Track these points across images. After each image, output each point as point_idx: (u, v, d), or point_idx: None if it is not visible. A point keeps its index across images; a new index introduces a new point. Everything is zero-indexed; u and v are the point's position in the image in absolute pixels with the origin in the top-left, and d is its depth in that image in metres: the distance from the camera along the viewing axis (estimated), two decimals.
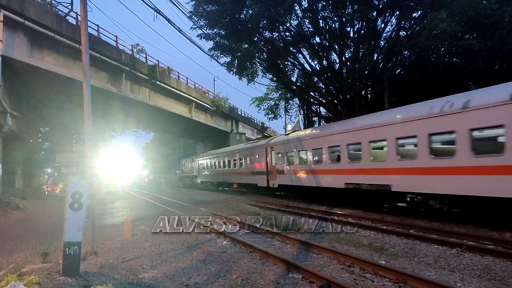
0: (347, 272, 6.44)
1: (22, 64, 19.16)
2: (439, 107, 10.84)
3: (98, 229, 8.98)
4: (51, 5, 22.70)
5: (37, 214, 17.25)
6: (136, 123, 43.23)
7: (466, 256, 7.30)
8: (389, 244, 8.64)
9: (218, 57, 25.41)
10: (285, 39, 23.98)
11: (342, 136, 15.03)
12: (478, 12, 15.87)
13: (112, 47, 25.33)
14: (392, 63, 22.04)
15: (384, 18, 21.83)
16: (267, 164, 22.04)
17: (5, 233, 10.57)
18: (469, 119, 9.85)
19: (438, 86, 19.30)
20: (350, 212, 13.92)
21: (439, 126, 10.82)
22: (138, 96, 28.64)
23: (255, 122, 54.03)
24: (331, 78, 24.33)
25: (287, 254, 7.75)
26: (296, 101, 34.27)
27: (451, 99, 10.76)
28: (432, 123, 10.96)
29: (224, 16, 22.10)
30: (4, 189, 19.47)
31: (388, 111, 15.90)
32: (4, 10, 17.11)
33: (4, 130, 18.22)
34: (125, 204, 22.19)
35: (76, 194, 5.66)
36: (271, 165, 21.44)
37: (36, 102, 27.00)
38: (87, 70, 8.05)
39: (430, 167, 10.98)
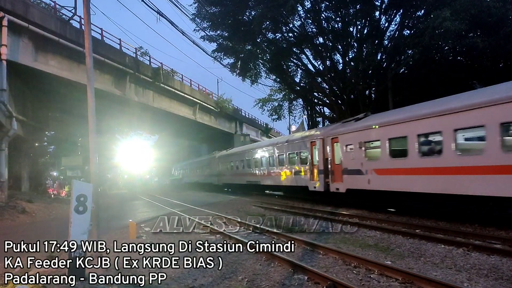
0: (353, 273, 6.40)
1: (27, 68, 19.29)
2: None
3: (103, 230, 9.01)
4: (55, 9, 22.87)
5: (43, 217, 17.33)
6: (140, 126, 43.40)
7: (472, 256, 7.24)
8: (395, 244, 8.59)
9: (222, 59, 25.51)
10: (288, 39, 23.99)
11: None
12: (481, 10, 15.80)
13: (116, 50, 25.46)
14: (395, 62, 21.97)
15: (387, 17, 21.79)
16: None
17: (11, 236, 10.63)
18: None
19: (442, 85, 19.20)
20: (355, 212, 13.86)
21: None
22: (142, 98, 28.75)
23: (259, 123, 53.99)
24: (334, 78, 24.30)
25: (293, 255, 7.74)
26: (300, 102, 34.25)
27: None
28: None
29: (227, 18, 22.19)
30: (10, 192, 19.61)
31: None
32: (8, 15, 17.25)
33: (10, 134, 18.36)
34: (135, 206, 22.26)
35: (81, 197, 5.69)
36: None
37: (41, 106, 27.18)
38: (91, 74, 8.10)
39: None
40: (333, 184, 16.07)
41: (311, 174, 17.82)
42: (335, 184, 15.98)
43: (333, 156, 16.26)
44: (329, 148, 16.48)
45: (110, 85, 25.33)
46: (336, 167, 15.96)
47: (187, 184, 44.39)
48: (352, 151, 14.93)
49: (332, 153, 16.31)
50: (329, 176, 16.37)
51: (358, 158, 14.46)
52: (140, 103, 28.69)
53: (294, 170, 19.59)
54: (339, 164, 15.77)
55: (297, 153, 19.38)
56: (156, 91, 30.46)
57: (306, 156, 18.44)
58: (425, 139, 11.44)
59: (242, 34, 22.45)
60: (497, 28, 16.87)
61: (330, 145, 16.42)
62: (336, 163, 15.99)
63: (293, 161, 19.80)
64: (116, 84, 25.85)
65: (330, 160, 16.39)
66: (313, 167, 17.73)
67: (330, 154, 16.37)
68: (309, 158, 18.08)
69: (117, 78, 25.78)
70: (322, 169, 16.84)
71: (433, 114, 11.10)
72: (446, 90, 14.30)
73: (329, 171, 16.41)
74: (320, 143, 17.12)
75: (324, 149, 16.81)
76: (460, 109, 10.24)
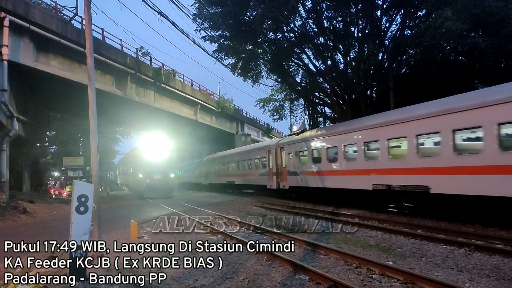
0: (354, 273, 6.39)
1: (28, 68, 19.29)
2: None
3: (105, 230, 9.01)
4: (56, 9, 22.86)
5: (44, 217, 17.34)
6: (142, 126, 43.36)
7: (474, 256, 7.22)
8: (396, 245, 8.58)
9: (223, 59, 25.46)
10: (289, 39, 23.95)
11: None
12: (483, 10, 15.74)
13: (117, 51, 25.46)
14: (397, 62, 21.92)
15: (388, 17, 21.74)
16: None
17: (12, 236, 10.64)
18: None
19: (443, 84, 19.16)
20: (356, 212, 13.85)
21: None
22: (143, 99, 28.74)
23: (260, 123, 53.93)
24: (336, 78, 24.25)
25: (294, 255, 7.72)
26: (301, 102, 34.14)
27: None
28: None
29: (228, 18, 22.16)
30: (12, 193, 19.63)
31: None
32: (10, 15, 17.25)
33: (11, 135, 18.37)
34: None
35: (82, 197, 5.69)
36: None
37: (43, 106, 27.23)
38: (92, 74, 8.10)
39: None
40: (281, 183, 20.93)
41: (269, 175, 22.53)
42: (282, 183, 20.85)
43: (281, 161, 21.09)
44: (278, 155, 21.37)
45: (111, 86, 25.34)
46: (283, 170, 20.78)
47: (183, 184, 44.85)
48: (292, 158, 19.85)
49: (281, 159, 21.21)
50: (279, 177, 21.18)
51: (295, 163, 19.43)
52: (141, 103, 28.68)
53: (258, 172, 24.26)
54: (285, 167, 20.65)
55: (259, 159, 24.24)
56: (157, 91, 30.45)
57: (265, 162, 23.23)
58: (331, 151, 16.35)
59: (243, 34, 22.41)
60: (498, 28, 16.83)
61: (279, 153, 21.29)
62: (283, 166, 20.82)
63: (258, 165, 24.54)
64: (117, 84, 25.85)
65: (279, 165, 21.26)
66: (269, 170, 22.50)
67: (280, 160, 21.25)
68: (267, 163, 22.92)
69: (118, 79, 25.78)
70: (275, 171, 21.53)
71: (331, 133, 16.61)
72: (447, 90, 14.27)
73: (279, 173, 21.25)
74: (274, 151, 21.85)
75: (276, 156, 21.54)
76: (347, 131, 15.49)
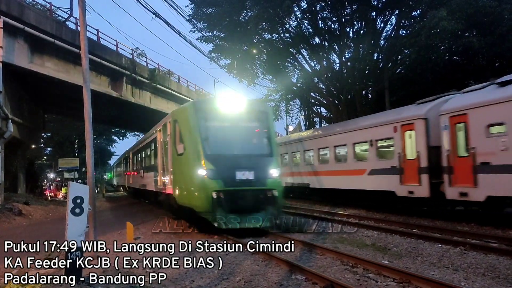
0: (351, 273, 6.40)
1: (23, 70, 19.16)
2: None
3: (100, 232, 8.96)
4: (51, 10, 22.71)
5: (40, 219, 17.26)
6: (138, 127, 43.18)
7: (469, 255, 7.25)
8: (392, 244, 8.60)
9: (218, 60, 25.47)
10: (285, 40, 23.98)
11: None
12: (477, 9, 15.87)
13: (112, 51, 25.35)
14: (392, 62, 22.01)
15: (383, 17, 21.83)
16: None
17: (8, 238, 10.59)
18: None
19: (439, 84, 19.26)
20: (353, 212, 13.88)
21: None
22: (139, 100, 28.64)
23: None
24: (331, 78, 24.30)
25: (290, 256, 7.72)
26: (297, 102, 34.12)
27: None
28: None
29: (223, 18, 22.15)
30: (7, 195, 19.49)
31: None
32: (4, 16, 17.13)
33: (6, 136, 18.22)
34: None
35: (77, 199, 5.67)
36: None
37: (38, 107, 27.06)
38: (86, 75, 8.07)
39: None
40: None
41: None
42: None
43: None
44: None
45: (106, 86, 25.22)
46: None
47: None
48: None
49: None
50: None
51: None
52: (137, 104, 28.59)
53: None
54: None
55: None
56: (153, 92, 30.35)
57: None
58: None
59: (238, 34, 22.40)
60: (493, 28, 16.95)
61: None
62: None
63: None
64: (113, 85, 25.72)
65: None
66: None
67: None
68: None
69: (113, 79, 25.66)
70: None
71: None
72: (442, 90, 14.34)
73: None
74: None
75: None
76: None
